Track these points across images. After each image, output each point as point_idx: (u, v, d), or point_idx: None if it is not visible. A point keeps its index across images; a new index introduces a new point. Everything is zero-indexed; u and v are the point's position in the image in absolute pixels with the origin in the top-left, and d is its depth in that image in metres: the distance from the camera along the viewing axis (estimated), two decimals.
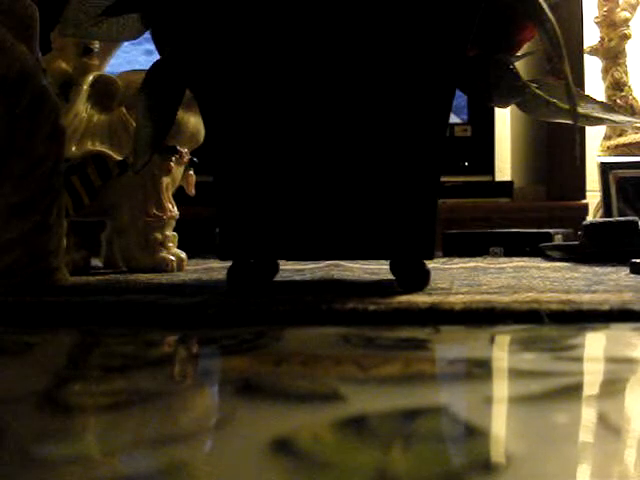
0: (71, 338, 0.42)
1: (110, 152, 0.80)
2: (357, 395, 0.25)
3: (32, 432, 0.22)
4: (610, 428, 0.21)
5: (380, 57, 0.53)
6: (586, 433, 0.21)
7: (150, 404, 0.25)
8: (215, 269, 0.86)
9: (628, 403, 0.25)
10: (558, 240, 1.11)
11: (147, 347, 0.37)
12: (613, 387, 0.27)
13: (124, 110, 0.83)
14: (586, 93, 0.69)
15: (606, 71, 1.59)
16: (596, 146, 1.62)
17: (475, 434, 0.21)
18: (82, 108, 0.80)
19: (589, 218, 1.57)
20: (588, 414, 0.23)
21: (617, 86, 1.56)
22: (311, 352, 0.34)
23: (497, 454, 0.20)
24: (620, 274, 0.67)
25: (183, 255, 0.87)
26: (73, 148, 0.78)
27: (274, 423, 0.22)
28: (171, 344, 0.39)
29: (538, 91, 0.58)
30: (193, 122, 0.85)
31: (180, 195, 0.91)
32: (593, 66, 1.64)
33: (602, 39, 1.59)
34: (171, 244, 0.87)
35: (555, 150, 1.69)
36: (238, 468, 0.19)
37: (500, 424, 0.23)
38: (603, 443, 0.20)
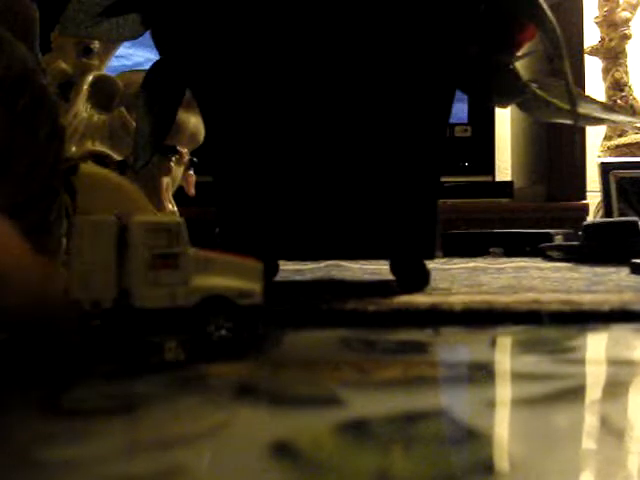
0: None
1: (110, 152, 0.80)
2: (357, 399, 0.25)
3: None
4: (612, 431, 0.21)
5: (380, 57, 0.52)
6: (588, 437, 0.21)
7: (147, 408, 0.25)
8: None
9: (630, 406, 0.25)
10: (558, 240, 1.11)
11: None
12: (615, 389, 0.27)
13: (124, 110, 0.82)
14: (586, 93, 0.69)
15: (606, 71, 1.59)
16: (596, 146, 1.62)
17: (476, 438, 0.21)
18: (82, 108, 0.80)
19: (589, 218, 1.56)
20: (590, 417, 0.23)
21: (617, 86, 1.56)
22: (311, 356, 0.34)
23: (499, 458, 0.20)
24: (620, 274, 0.67)
25: None
26: (73, 148, 0.78)
27: (273, 427, 0.22)
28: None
29: (538, 91, 0.58)
30: (193, 122, 0.85)
31: (180, 195, 0.91)
32: (593, 66, 1.64)
33: (602, 39, 1.59)
34: None
35: (555, 150, 1.69)
36: (237, 472, 0.18)
37: (501, 427, 0.23)
38: (606, 447, 0.20)
